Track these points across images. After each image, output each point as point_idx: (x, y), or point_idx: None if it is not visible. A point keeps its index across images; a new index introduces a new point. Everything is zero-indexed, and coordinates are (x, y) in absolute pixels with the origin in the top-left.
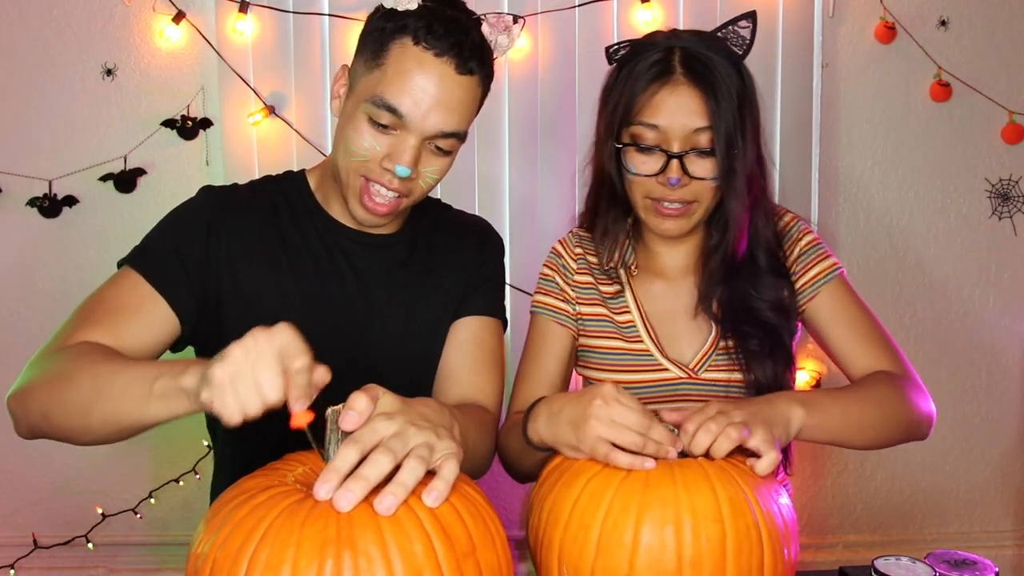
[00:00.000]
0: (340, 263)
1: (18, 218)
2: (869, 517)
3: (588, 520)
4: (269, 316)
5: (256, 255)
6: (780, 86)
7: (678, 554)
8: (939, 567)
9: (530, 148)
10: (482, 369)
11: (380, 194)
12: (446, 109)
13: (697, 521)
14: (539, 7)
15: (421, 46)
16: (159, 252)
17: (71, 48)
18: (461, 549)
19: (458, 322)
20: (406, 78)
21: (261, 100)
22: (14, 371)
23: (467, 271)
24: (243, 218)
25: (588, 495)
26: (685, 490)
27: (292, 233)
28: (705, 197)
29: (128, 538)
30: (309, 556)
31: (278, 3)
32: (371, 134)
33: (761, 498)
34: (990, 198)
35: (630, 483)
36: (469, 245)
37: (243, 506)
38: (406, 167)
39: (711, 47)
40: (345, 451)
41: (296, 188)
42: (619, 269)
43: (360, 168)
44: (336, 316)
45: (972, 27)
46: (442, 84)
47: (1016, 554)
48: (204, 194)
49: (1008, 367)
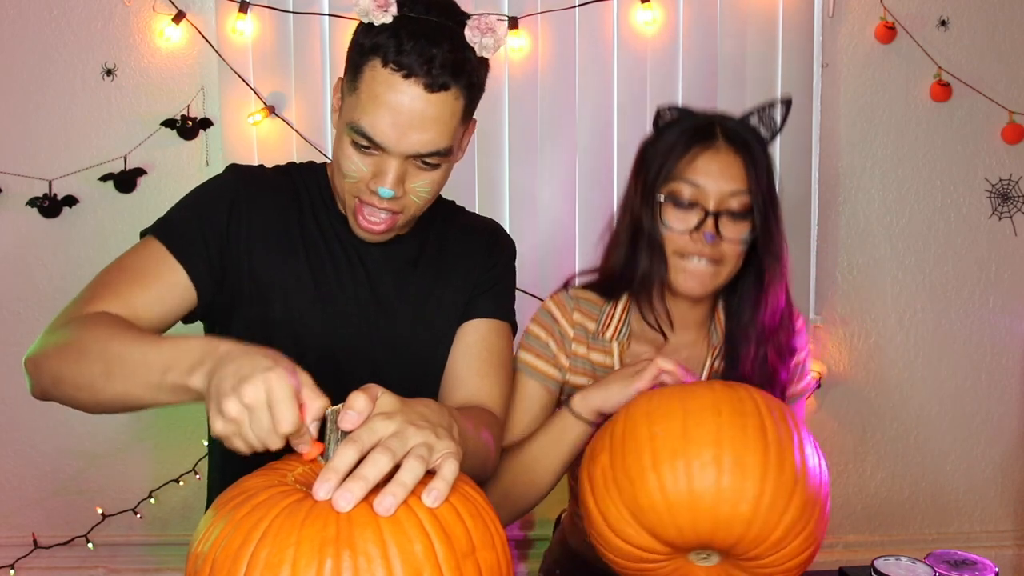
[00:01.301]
0: (352, 257)
1: (18, 218)
2: (869, 517)
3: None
4: (280, 301)
5: (274, 239)
6: (780, 86)
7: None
8: (939, 567)
9: (530, 148)
10: (489, 372)
11: (374, 214)
12: (420, 130)
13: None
14: (539, 7)
15: (389, 68)
16: (182, 223)
17: (71, 48)
18: (461, 549)
19: (466, 324)
20: (377, 104)
21: (261, 100)
22: (14, 371)
23: (476, 273)
24: (266, 201)
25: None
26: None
27: (310, 222)
28: (731, 259)
29: (128, 538)
30: (309, 556)
31: (278, 3)
32: (356, 156)
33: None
34: (990, 198)
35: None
36: (479, 247)
37: (243, 506)
38: (389, 189)
39: (747, 127)
40: (344, 451)
41: (316, 180)
42: (613, 342)
43: (352, 189)
44: (345, 309)
45: (972, 27)
46: (412, 106)
47: (1016, 554)
48: (230, 171)
49: (1008, 367)
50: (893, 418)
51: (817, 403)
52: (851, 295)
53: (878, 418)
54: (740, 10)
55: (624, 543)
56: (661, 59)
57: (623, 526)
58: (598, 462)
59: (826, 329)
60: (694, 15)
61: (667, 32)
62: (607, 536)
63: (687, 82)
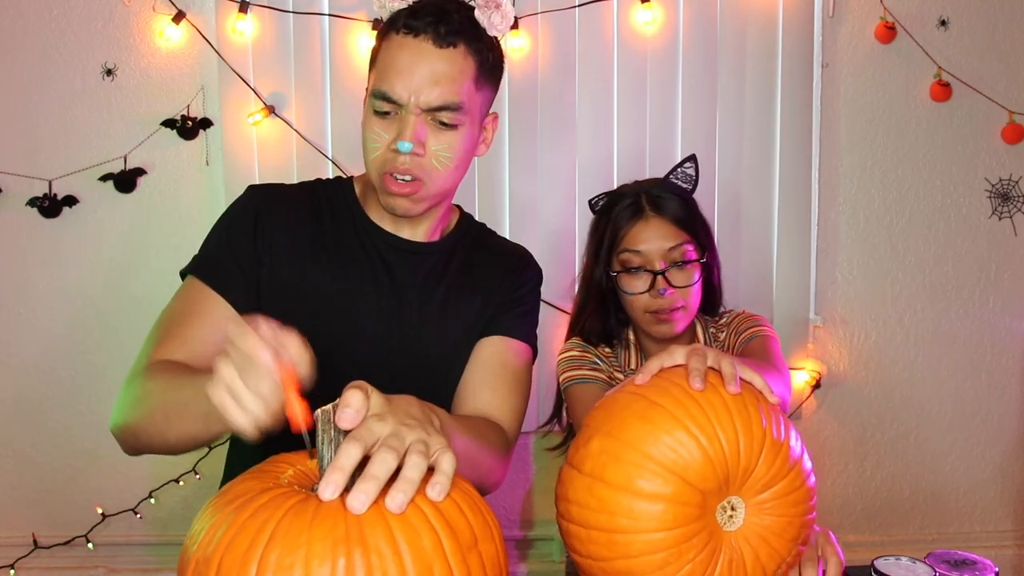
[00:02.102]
0: (376, 265)
1: (18, 218)
2: (869, 517)
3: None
4: (303, 309)
5: (296, 249)
6: (780, 86)
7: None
8: (939, 567)
9: (530, 147)
10: (500, 386)
11: (399, 177)
12: (430, 82)
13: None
14: (539, 7)
15: (402, 33)
16: (215, 255)
17: (71, 48)
18: (465, 542)
19: (483, 340)
20: (392, 63)
21: (261, 100)
22: (14, 371)
23: (500, 293)
24: (285, 213)
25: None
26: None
27: (332, 232)
28: (692, 298)
29: (128, 538)
30: (321, 556)
31: (278, 3)
32: (378, 124)
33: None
34: (990, 198)
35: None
36: (506, 269)
37: (244, 509)
38: (407, 141)
39: (666, 188)
40: (348, 449)
41: (341, 191)
42: (625, 373)
43: (378, 162)
44: (367, 316)
45: (972, 27)
46: (422, 59)
47: (1016, 554)
48: (249, 192)
49: (1008, 367)
50: (893, 418)
51: (817, 403)
52: (851, 295)
53: (878, 418)
54: (740, 10)
55: (649, 519)
56: (661, 59)
57: (648, 478)
58: (590, 448)
59: (826, 329)
60: (694, 15)
61: (667, 32)
62: (623, 528)
63: (687, 82)
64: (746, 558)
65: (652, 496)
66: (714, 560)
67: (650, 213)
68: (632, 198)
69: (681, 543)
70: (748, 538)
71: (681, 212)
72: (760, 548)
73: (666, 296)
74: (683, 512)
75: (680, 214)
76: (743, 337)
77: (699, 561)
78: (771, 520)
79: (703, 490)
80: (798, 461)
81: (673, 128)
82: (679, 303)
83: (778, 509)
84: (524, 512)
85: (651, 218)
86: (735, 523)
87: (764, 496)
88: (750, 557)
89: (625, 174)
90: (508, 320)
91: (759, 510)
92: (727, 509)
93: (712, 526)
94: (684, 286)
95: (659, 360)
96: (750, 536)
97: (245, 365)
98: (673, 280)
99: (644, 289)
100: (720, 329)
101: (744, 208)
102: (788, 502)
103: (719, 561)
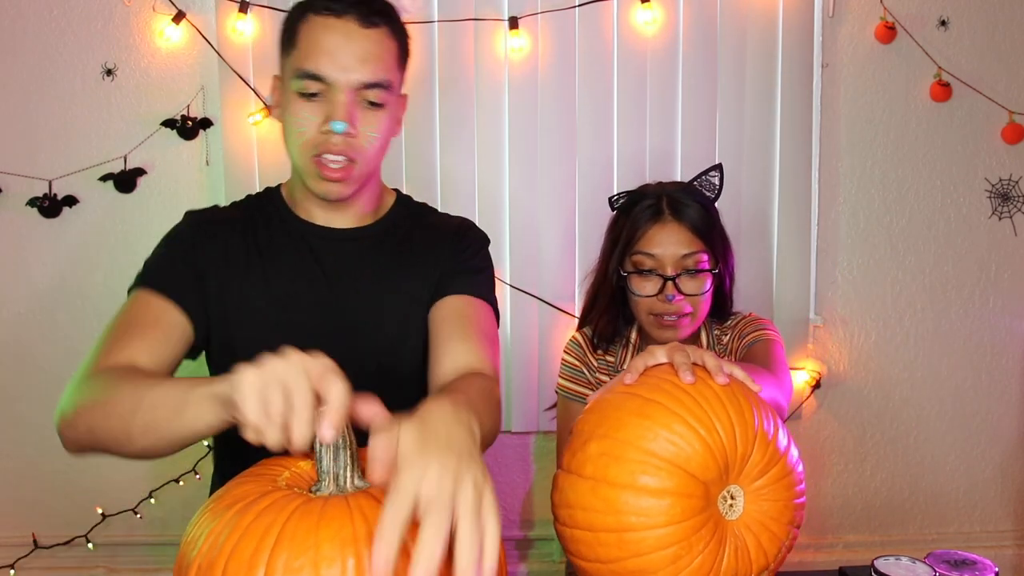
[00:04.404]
0: (308, 261)
1: (18, 218)
2: (869, 517)
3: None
4: (244, 321)
5: (231, 264)
6: (780, 86)
7: None
8: (939, 567)
9: (530, 147)
10: (471, 335)
11: (332, 161)
12: (360, 60)
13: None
14: (539, 7)
15: (323, 14)
16: (161, 266)
17: (71, 48)
18: None
19: (437, 303)
20: (318, 43)
21: (261, 100)
22: (15, 371)
23: (444, 260)
24: (219, 231)
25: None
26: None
27: (264, 240)
28: (699, 306)
29: (128, 538)
30: (330, 557)
31: (278, 3)
32: (305, 107)
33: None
34: (990, 198)
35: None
36: (447, 240)
37: (246, 512)
38: (341, 120)
39: (688, 194)
40: (393, 516)
41: (270, 199)
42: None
43: (307, 147)
44: (307, 313)
45: (972, 27)
46: (350, 39)
47: (1016, 554)
48: (186, 216)
49: (1008, 367)
50: (893, 418)
51: (817, 403)
52: (851, 295)
53: (878, 418)
54: (740, 10)
55: (654, 513)
56: (661, 59)
57: (652, 473)
58: (588, 451)
59: (826, 329)
60: (694, 15)
61: (667, 32)
62: (629, 525)
63: (687, 82)
64: (749, 545)
65: (658, 491)
66: (721, 550)
67: (669, 217)
68: (653, 200)
69: (690, 535)
70: (749, 525)
71: (700, 220)
72: (761, 534)
73: (673, 302)
74: (689, 504)
75: (699, 222)
76: (746, 340)
77: (708, 552)
78: (769, 505)
79: (705, 481)
80: (788, 446)
81: (673, 128)
82: (687, 309)
83: (774, 494)
84: (524, 512)
85: (669, 222)
86: (736, 512)
87: (760, 483)
88: (753, 543)
89: (625, 174)
90: (458, 280)
91: (757, 497)
92: (728, 498)
93: (716, 516)
94: (694, 295)
95: (643, 360)
96: (751, 523)
97: (287, 381)
98: (683, 287)
99: (653, 293)
100: (724, 332)
101: (744, 208)
102: (783, 486)
103: (726, 550)
